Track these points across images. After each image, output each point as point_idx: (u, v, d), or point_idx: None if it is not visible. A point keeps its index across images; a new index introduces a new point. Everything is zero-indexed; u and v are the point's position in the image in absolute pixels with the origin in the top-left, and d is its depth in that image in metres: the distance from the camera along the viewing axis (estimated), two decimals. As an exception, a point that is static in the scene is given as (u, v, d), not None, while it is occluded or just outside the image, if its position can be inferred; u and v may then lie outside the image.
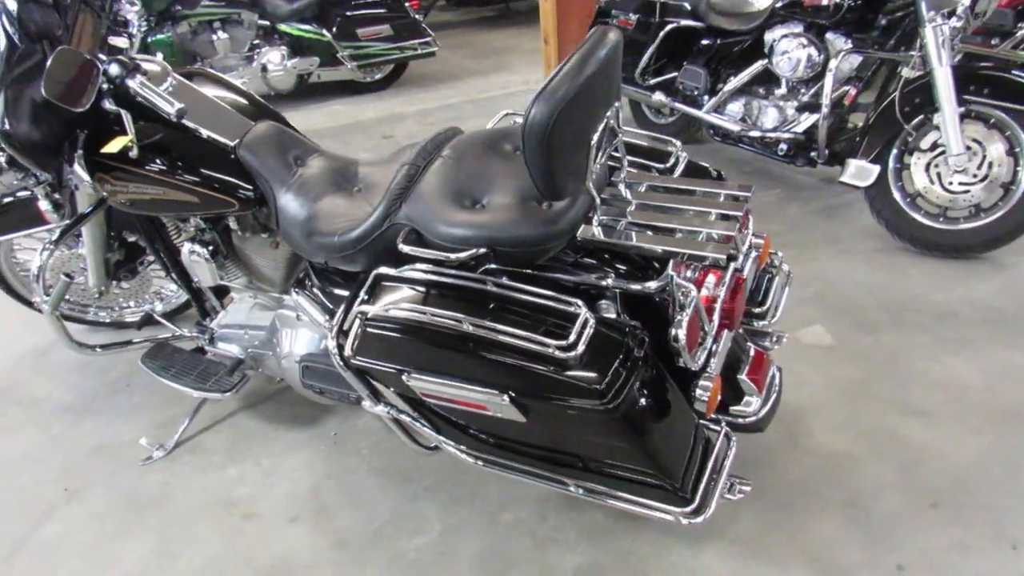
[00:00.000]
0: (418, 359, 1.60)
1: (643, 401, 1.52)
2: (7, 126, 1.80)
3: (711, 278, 1.64)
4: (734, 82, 3.69)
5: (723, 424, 1.71)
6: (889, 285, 2.94)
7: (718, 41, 3.81)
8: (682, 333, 1.47)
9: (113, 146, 1.88)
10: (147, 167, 1.95)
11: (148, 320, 2.56)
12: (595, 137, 1.52)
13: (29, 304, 2.78)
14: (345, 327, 1.71)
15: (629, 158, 1.91)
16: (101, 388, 2.65)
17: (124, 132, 1.93)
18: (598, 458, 1.65)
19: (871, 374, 2.46)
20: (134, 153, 1.91)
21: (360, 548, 1.98)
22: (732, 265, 1.64)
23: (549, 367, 1.47)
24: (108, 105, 1.88)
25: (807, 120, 3.43)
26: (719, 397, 1.61)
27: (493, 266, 1.66)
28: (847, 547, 1.89)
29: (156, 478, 2.26)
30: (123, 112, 1.88)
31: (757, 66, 3.60)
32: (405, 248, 1.68)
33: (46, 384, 2.69)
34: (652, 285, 1.56)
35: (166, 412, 2.49)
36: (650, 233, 1.62)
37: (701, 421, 1.71)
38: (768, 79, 3.64)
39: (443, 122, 5.13)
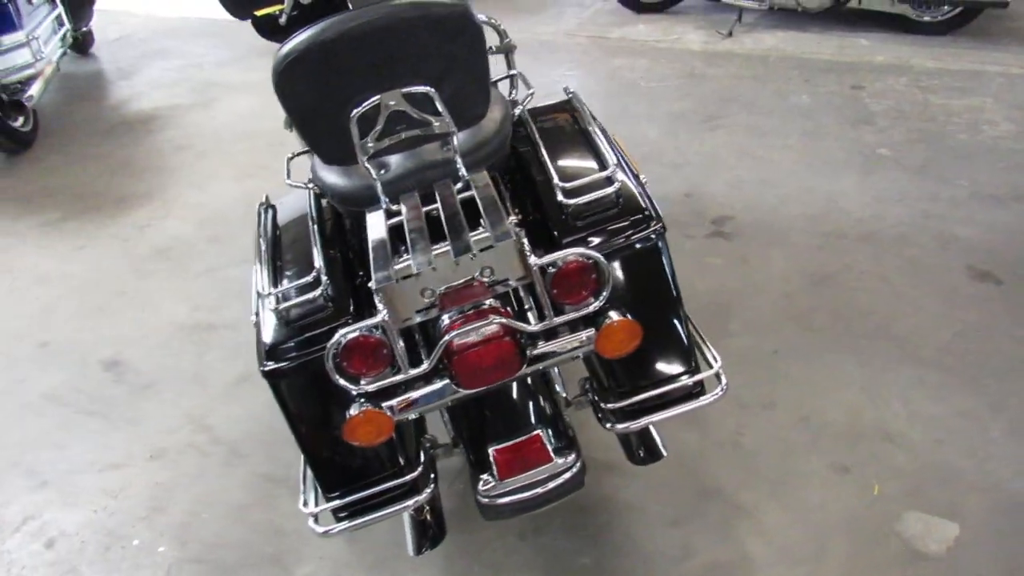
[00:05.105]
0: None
1: (304, 385, 1.42)
2: None
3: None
4: None
5: (419, 473, 1.46)
6: None
7: None
8: (334, 341, 1.26)
9: (263, 10, 2.10)
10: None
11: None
12: (357, 111, 1.30)
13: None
14: None
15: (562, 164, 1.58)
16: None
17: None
18: None
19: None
20: (283, 20, 2.11)
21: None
22: (495, 320, 1.30)
23: (263, 309, 1.48)
24: None
25: None
26: (372, 433, 1.33)
27: None
28: None
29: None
30: None
31: None
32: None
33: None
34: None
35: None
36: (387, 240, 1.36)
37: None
38: None
39: (937, 90, 3.84)
